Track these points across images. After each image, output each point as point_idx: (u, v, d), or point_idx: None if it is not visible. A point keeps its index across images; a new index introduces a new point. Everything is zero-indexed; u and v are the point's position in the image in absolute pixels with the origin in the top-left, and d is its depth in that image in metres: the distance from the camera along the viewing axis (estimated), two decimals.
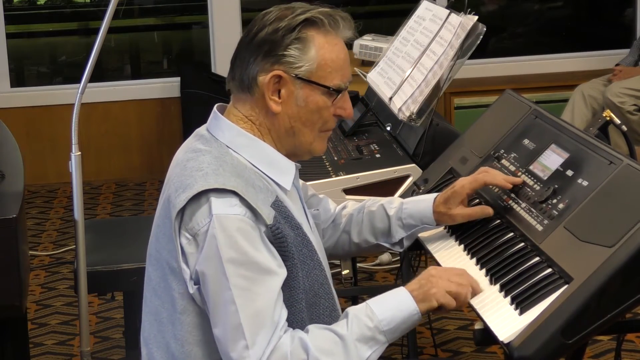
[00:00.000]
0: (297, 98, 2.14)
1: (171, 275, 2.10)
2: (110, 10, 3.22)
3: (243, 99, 2.18)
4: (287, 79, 2.12)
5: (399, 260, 3.89)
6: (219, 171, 2.08)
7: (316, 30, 2.14)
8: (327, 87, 2.14)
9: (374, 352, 2.06)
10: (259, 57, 2.13)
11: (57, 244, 5.57)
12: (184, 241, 2.07)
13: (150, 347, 2.17)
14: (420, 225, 2.50)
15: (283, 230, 2.08)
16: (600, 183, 2.22)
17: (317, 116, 2.16)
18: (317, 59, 2.13)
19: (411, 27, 3.81)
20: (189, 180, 2.08)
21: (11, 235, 2.88)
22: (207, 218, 2.04)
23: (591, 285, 2.01)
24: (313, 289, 2.13)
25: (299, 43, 2.12)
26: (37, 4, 8.25)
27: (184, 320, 2.10)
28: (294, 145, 2.18)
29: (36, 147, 6.67)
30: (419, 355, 4.01)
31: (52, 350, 4.25)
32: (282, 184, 2.17)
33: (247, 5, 7.11)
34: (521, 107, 2.74)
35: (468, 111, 6.54)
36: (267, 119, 2.16)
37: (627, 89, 5.99)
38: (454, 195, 2.48)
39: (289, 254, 2.08)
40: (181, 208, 2.06)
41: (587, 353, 3.85)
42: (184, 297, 2.09)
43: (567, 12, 8.06)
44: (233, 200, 2.04)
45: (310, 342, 2.02)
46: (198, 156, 2.14)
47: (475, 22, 3.22)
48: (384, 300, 2.11)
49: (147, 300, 2.20)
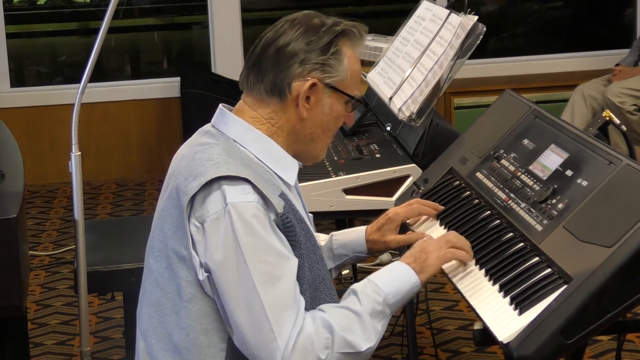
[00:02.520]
0: (324, 105, 2.21)
1: (179, 264, 2.11)
2: (110, 10, 3.22)
3: (267, 102, 2.21)
4: (319, 87, 2.19)
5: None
6: (229, 161, 2.11)
7: (348, 42, 2.22)
8: (352, 97, 2.23)
9: (383, 325, 2.14)
10: (295, 65, 2.18)
11: (57, 244, 5.57)
12: (192, 229, 2.09)
13: (150, 340, 2.17)
14: (351, 254, 2.55)
15: (292, 220, 2.12)
16: (599, 183, 2.22)
17: (334, 123, 2.25)
18: (348, 70, 2.21)
19: (411, 27, 3.81)
20: (200, 169, 2.11)
21: (11, 235, 2.88)
22: (219, 205, 2.06)
23: (591, 285, 2.01)
24: (315, 283, 2.16)
25: (335, 54, 2.20)
26: (37, 4, 8.25)
27: (190, 308, 2.11)
28: (307, 150, 2.25)
29: (36, 147, 6.67)
30: (419, 355, 4.01)
31: (52, 350, 4.25)
32: (286, 180, 2.21)
33: (247, 5, 7.11)
34: (521, 107, 2.74)
35: (468, 111, 6.54)
36: (289, 122, 2.20)
37: (627, 89, 5.99)
38: (389, 222, 2.54)
39: (297, 243, 2.12)
40: (193, 195, 2.08)
41: (587, 353, 3.85)
42: (192, 285, 2.10)
43: (567, 12, 8.06)
44: (246, 187, 2.08)
45: (332, 321, 2.06)
46: (207, 148, 2.17)
47: (475, 22, 3.22)
48: (386, 275, 2.19)
49: (146, 292, 2.21)
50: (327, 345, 2.05)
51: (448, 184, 2.75)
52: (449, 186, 2.74)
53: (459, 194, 2.67)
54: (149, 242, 2.22)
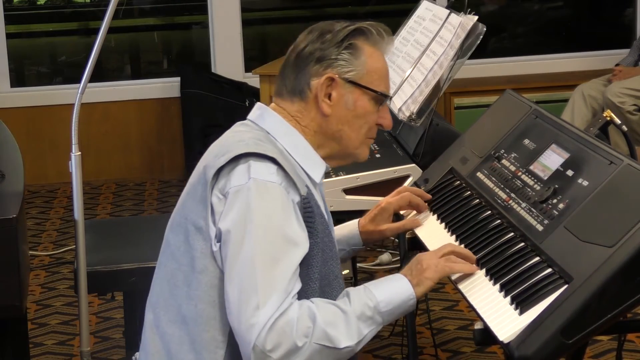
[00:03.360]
0: (347, 101, 2.25)
1: (196, 235, 2.16)
2: (110, 10, 3.22)
3: (292, 103, 2.28)
4: (338, 82, 2.24)
5: (399, 261, 3.89)
6: (260, 144, 2.17)
7: (365, 40, 2.27)
8: (376, 91, 2.26)
9: (370, 331, 2.15)
10: (311, 63, 2.25)
11: (57, 244, 5.57)
12: (215, 200, 2.14)
13: (158, 312, 2.22)
14: (347, 249, 2.59)
15: (313, 208, 2.17)
16: (600, 183, 2.22)
17: (363, 121, 2.27)
18: (366, 65, 2.26)
19: (411, 27, 3.81)
20: (229, 148, 2.17)
21: (11, 235, 2.88)
22: (243, 179, 2.11)
23: (591, 285, 2.01)
24: (328, 278, 2.19)
25: (350, 49, 2.25)
26: (37, 4, 8.25)
27: (201, 279, 2.15)
28: (338, 149, 2.29)
29: (36, 147, 6.67)
30: (419, 355, 4.01)
31: (52, 350, 4.25)
32: (313, 176, 2.26)
33: (247, 5, 7.11)
34: (521, 107, 2.74)
35: (468, 111, 6.54)
36: (315, 121, 2.26)
37: (627, 89, 5.99)
38: (382, 212, 2.60)
39: (314, 230, 2.16)
40: (220, 168, 2.13)
41: (587, 353, 3.85)
42: (205, 256, 2.15)
43: (567, 12, 8.06)
44: (272, 168, 2.13)
45: (317, 313, 2.08)
46: (239, 133, 2.24)
47: (475, 22, 3.22)
48: (382, 283, 2.21)
49: (161, 265, 2.26)
50: (307, 334, 2.06)
51: (448, 184, 2.75)
52: (449, 186, 2.74)
53: (459, 193, 2.67)
54: (170, 220, 2.27)
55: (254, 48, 7.82)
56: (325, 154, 2.29)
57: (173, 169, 6.78)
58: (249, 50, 7.36)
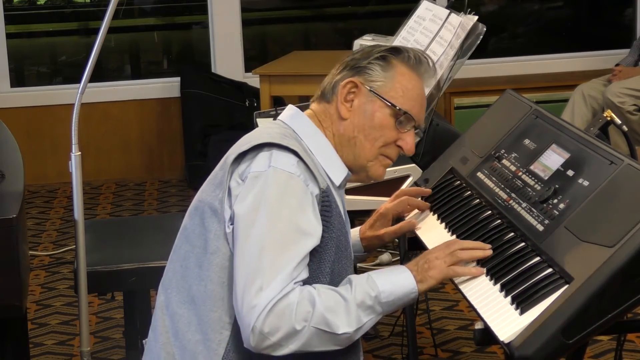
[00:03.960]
0: (366, 110, 2.29)
1: (211, 217, 2.20)
2: (110, 10, 3.22)
3: (319, 102, 2.34)
4: (362, 90, 2.29)
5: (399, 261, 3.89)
6: (284, 137, 2.21)
7: (400, 59, 2.32)
8: (395, 105, 2.29)
9: (370, 320, 2.17)
10: (345, 70, 2.31)
11: (57, 244, 5.57)
12: (233, 184, 2.18)
13: (169, 292, 2.26)
14: None
15: (331, 202, 2.20)
16: (601, 183, 2.22)
17: (379, 133, 2.30)
18: (394, 80, 2.30)
19: (411, 27, 3.81)
20: (255, 138, 2.21)
21: (11, 235, 2.88)
22: (264, 166, 2.16)
23: (592, 285, 2.01)
24: (341, 277, 2.22)
25: (382, 62, 2.30)
26: (37, 4, 8.25)
27: (212, 260, 2.19)
28: (352, 158, 2.32)
29: (36, 147, 6.67)
30: (419, 355, 4.01)
31: (52, 350, 4.25)
32: (333, 179, 2.29)
33: (247, 5, 7.11)
34: (522, 107, 2.74)
35: (468, 111, 6.54)
36: (334, 124, 2.31)
37: (627, 89, 5.98)
38: (380, 218, 2.62)
39: (330, 225, 2.19)
40: (242, 153, 2.18)
41: (587, 353, 3.85)
42: (218, 237, 2.19)
43: (567, 12, 8.06)
44: (293, 159, 2.17)
45: (317, 298, 2.10)
46: (266, 129, 2.28)
47: (475, 22, 3.23)
48: (386, 274, 2.22)
49: (176, 249, 2.30)
50: (306, 318, 2.08)
51: (449, 184, 2.75)
52: (449, 186, 2.74)
53: (459, 193, 2.67)
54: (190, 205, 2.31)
55: (254, 48, 7.82)
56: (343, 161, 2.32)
57: (173, 169, 6.78)
58: (249, 50, 7.36)
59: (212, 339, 2.18)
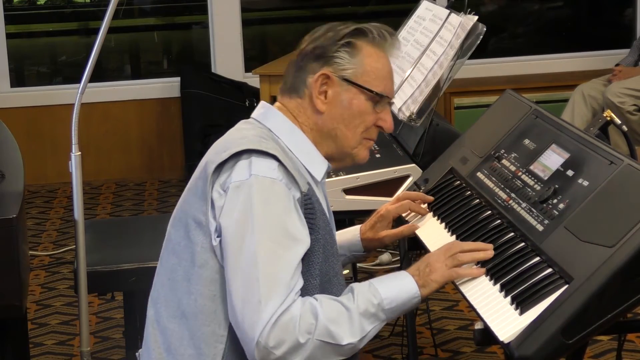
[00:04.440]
0: (342, 100, 2.26)
1: (196, 230, 2.17)
2: (110, 10, 3.22)
3: (290, 97, 2.29)
4: (334, 80, 2.24)
5: (399, 261, 3.89)
6: (262, 141, 2.18)
7: (365, 40, 2.27)
8: (372, 91, 2.25)
9: (373, 328, 2.15)
10: (310, 61, 2.26)
11: (57, 244, 5.57)
12: (215, 195, 2.15)
13: (159, 307, 2.23)
14: (348, 254, 2.60)
15: (314, 204, 2.18)
16: (600, 183, 2.22)
17: (359, 120, 2.27)
18: (364, 64, 2.25)
19: (411, 27, 3.81)
20: (231, 144, 2.18)
21: (11, 235, 2.88)
22: (244, 175, 2.12)
23: (591, 285, 2.01)
24: (328, 275, 2.20)
25: (348, 47, 2.25)
26: (37, 4, 8.25)
27: (201, 274, 2.16)
28: (335, 148, 2.29)
29: (36, 147, 6.67)
30: (419, 355, 4.01)
31: (52, 350, 4.25)
32: (314, 174, 2.26)
33: (247, 5, 7.11)
34: (521, 107, 2.74)
35: (468, 111, 6.54)
36: (311, 118, 2.27)
37: (627, 89, 5.98)
38: (381, 219, 2.61)
39: (315, 227, 2.16)
40: (221, 162, 2.15)
41: (587, 353, 3.85)
42: (205, 250, 2.16)
43: (567, 12, 8.06)
44: (273, 164, 2.14)
45: (320, 309, 2.08)
46: (242, 131, 2.25)
47: (475, 22, 3.22)
48: (388, 280, 2.21)
49: (162, 261, 2.27)
50: (310, 331, 2.07)
51: (449, 184, 2.75)
52: (449, 186, 2.74)
53: (459, 193, 2.67)
54: (173, 213, 2.28)
55: (254, 48, 7.82)
56: (323, 152, 2.29)
57: (173, 169, 6.78)
58: (249, 50, 7.36)
59: (206, 353, 2.16)
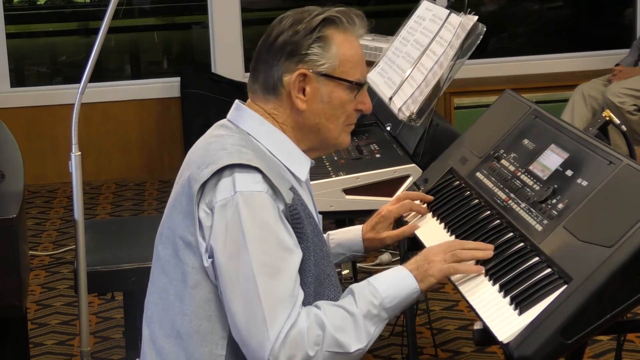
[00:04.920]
0: (322, 95, 2.22)
1: (185, 250, 2.13)
2: (110, 10, 3.22)
3: (267, 98, 2.24)
4: (311, 77, 2.20)
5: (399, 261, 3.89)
6: (242, 150, 2.14)
7: (335, 29, 2.22)
8: (350, 81, 2.22)
9: (377, 328, 2.14)
10: (282, 58, 2.21)
11: (57, 244, 5.57)
12: (202, 214, 2.11)
13: (153, 326, 2.20)
14: (348, 253, 2.58)
15: (300, 212, 2.14)
16: (599, 183, 2.22)
17: (341, 111, 2.24)
18: (338, 56, 2.21)
19: (411, 27, 3.81)
20: (213, 158, 2.14)
21: (11, 235, 2.88)
22: (229, 192, 2.09)
23: (591, 285, 2.01)
24: (320, 279, 2.17)
25: (320, 42, 2.20)
26: (37, 4, 8.25)
27: (195, 294, 2.13)
28: (319, 141, 2.26)
29: (36, 147, 6.67)
30: (419, 355, 4.01)
31: (52, 350, 4.25)
32: (298, 174, 2.24)
33: (247, 5, 7.11)
34: (521, 107, 2.74)
35: (468, 111, 6.54)
36: (291, 117, 2.23)
37: (627, 89, 5.99)
38: (382, 219, 2.59)
39: (303, 236, 2.14)
40: (204, 181, 2.11)
41: (586, 353, 3.85)
42: (197, 271, 2.12)
43: (567, 12, 8.06)
44: (257, 176, 2.10)
45: (325, 319, 2.07)
46: (221, 139, 2.20)
47: (475, 22, 3.23)
48: (386, 278, 2.19)
49: (154, 278, 2.23)
50: (318, 342, 2.05)
51: (448, 184, 2.75)
52: (449, 186, 2.74)
53: (459, 193, 2.67)
54: (158, 231, 2.25)
55: (254, 48, 7.80)
56: (306, 147, 2.25)
57: (173, 169, 6.73)
58: (249, 50, 7.36)
59: None
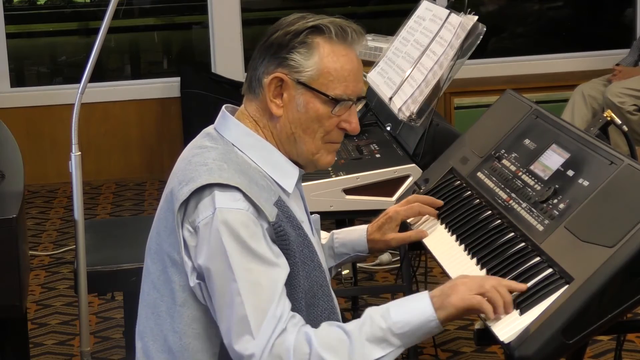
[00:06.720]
0: (298, 103, 2.14)
1: (172, 268, 2.11)
2: (110, 10, 3.22)
3: (251, 99, 2.20)
4: (289, 83, 2.13)
5: (399, 261, 3.89)
6: (223, 167, 2.09)
7: (323, 39, 2.14)
8: (326, 95, 2.13)
9: (386, 355, 2.03)
10: (266, 58, 2.16)
11: (57, 244, 5.57)
12: (186, 234, 2.08)
13: (146, 341, 2.18)
14: (352, 253, 2.52)
15: (285, 229, 2.09)
16: (601, 183, 2.22)
17: (317, 125, 2.15)
18: (319, 66, 2.12)
19: (411, 27, 3.81)
20: (193, 174, 2.10)
21: (11, 235, 2.88)
22: (209, 211, 2.05)
23: (592, 286, 2.01)
24: (312, 290, 2.14)
25: (303, 48, 2.13)
26: (37, 4, 8.25)
27: (183, 312, 2.11)
28: (296, 153, 2.18)
29: (36, 147, 6.67)
30: (419, 355, 4.01)
31: (52, 350, 4.25)
32: (285, 187, 2.18)
33: (247, 5, 7.11)
34: (522, 107, 2.74)
35: (468, 111, 6.55)
36: (270, 122, 2.17)
37: (627, 89, 5.99)
38: (389, 220, 2.52)
39: (290, 252, 2.09)
40: (184, 200, 2.08)
41: (587, 353, 3.85)
42: (184, 289, 2.10)
43: (567, 12, 8.06)
44: (237, 195, 2.06)
45: (314, 337, 2.01)
46: (204, 152, 2.15)
47: (475, 22, 3.22)
48: (404, 303, 2.09)
49: (144, 293, 2.21)
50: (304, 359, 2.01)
51: (449, 184, 2.75)
52: (449, 186, 2.74)
53: (459, 193, 2.67)
54: (148, 243, 2.22)
55: (254, 48, 7.80)
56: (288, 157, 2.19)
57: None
58: (249, 50, 7.36)
59: None
